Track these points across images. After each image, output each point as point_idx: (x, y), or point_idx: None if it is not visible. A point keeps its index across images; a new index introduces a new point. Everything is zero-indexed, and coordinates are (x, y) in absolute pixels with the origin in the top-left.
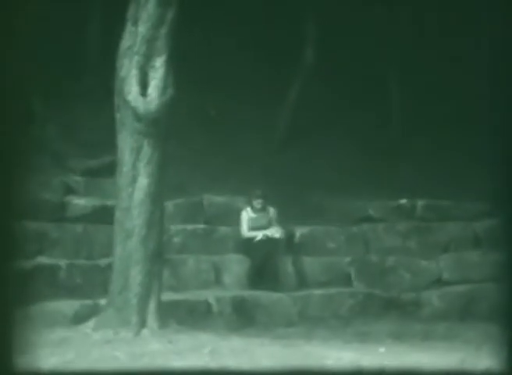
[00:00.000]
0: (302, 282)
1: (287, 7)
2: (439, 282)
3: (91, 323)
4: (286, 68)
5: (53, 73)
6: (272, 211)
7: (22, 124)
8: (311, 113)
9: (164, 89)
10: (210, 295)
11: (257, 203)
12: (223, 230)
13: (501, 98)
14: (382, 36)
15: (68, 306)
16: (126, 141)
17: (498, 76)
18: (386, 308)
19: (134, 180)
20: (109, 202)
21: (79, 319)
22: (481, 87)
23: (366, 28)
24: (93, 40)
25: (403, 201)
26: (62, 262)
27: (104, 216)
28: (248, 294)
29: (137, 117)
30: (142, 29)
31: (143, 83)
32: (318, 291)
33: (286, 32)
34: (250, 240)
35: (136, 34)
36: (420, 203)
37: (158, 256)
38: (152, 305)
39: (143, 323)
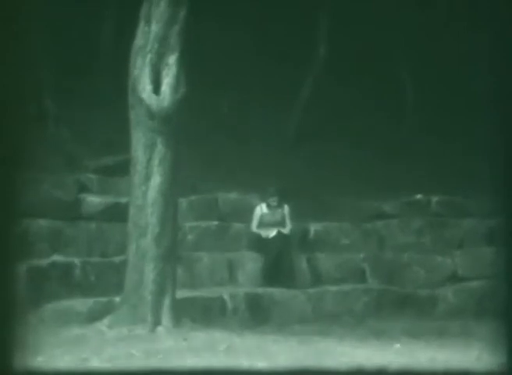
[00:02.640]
0: (316, 279)
1: (300, 4)
2: (454, 278)
3: (106, 320)
4: (298, 66)
5: (66, 71)
6: (286, 208)
7: (35, 123)
8: (323, 110)
9: (177, 87)
10: (224, 292)
11: (273, 201)
12: (237, 227)
13: None
14: (395, 34)
15: (82, 304)
16: (140, 139)
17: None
18: (401, 304)
19: (148, 177)
20: (123, 200)
21: (93, 316)
22: (495, 82)
23: (379, 26)
24: (106, 38)
25: (418, 196)
26: (77, 260)
27: (118, 213)
28: (262, 291)
29: (151, 115)
30: (155, 27)
31: (156, 82)
32: (332, 288)
33: (298, 29)
34: (264, 237)
35: (149, 33)
36: (434, 199)
37: (172, 254)
38: (167, 303)
39: (157, 321)
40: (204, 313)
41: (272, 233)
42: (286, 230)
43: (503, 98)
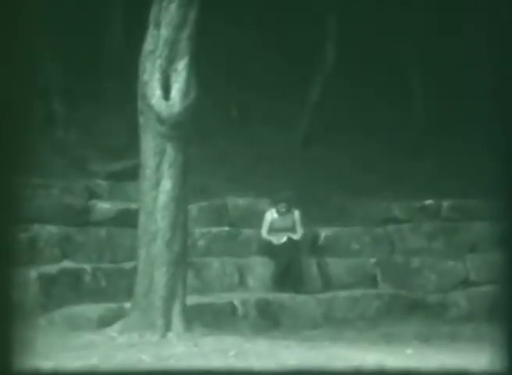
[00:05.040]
0: (327, 284)
1: (309, 5)
2: (466, 283)
3: (116, 326)
4: (307, 67)
5: (75, 76)
6: (296, 213)
7: (44, 128)
8: (333, 113)
9: (187, 92)
10: (235, 298)
11: (282, 206)
12: (247, 232)
13: None
14: (403, 33)
15: (93, 310)
16: (150, 145)
17: None
18: (412, 309)
19: (158, 183)
20: (133, 206)
21: (104, 322)
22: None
23: (387, 25)
24: (115, 43)
25: (429, 201)
26: (87, 266)
27: (128, 219)
28: (273, 296)
29: (160, 121)
30: (164, 31)
31: (165, 87)
32: (343, 293)
33: (308, 31)
34: (275, 243)
35: (158, 37)
36: (445, 203)
37: (183, 259)
38: (177, 308)
39: (168, 326)
40: (214, 319)
41: (283, 238)
42: (296, 236)
43: None
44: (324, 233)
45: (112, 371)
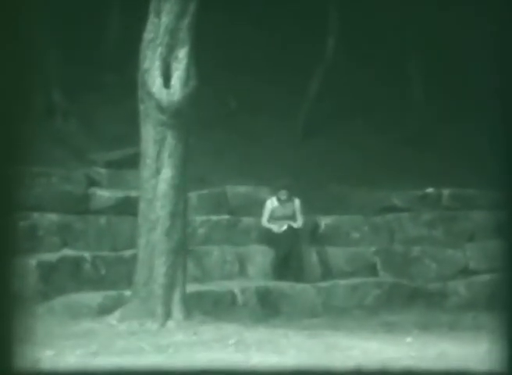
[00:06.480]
0: (327, 272)
1: None
2: (466, 271)
3: (116, 314)
4: (308, 59)
5: (75, 65)
6: (296, 202)
7: (44, 117)
8: (333, 102)
9: (187, 80)
10: (235, 286)
11: (282, 194)
12: (247, 220)
13: None
14: (404, 24)
15: (92, 298)
16: (150, 133)
17: None
18: (412, 298)
19: (158, 171)
20: (133, 194)
21: (104, 310)
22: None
23: (388, 16)
24: (114, 33)
25: (429, 190)
26: (87, 254)
27: (127, 207)
28: (273, 284)
29: (161, 109)
30: (165, 20)
31: (166, 75)
32: (342, 282)
33: (308, 22)
34: (275, 231)
35: (159, 26)
36: (445, 192)
37: (182, 247)
38: (177, 296)
39: (168, 314)
40: (214, 307)
41: (283, 227)
42: (296, 224)
43: None
44: (324, 221)
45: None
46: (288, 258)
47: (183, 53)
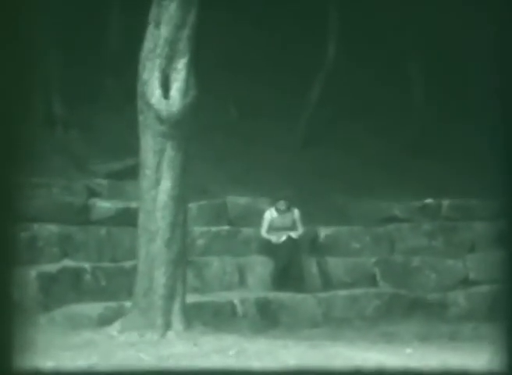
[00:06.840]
0: (327, 283)
1: (310, 1)
2: (466, 282)
3: (116, 325)
4: (308, 58)
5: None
6: (296, 212)
7: (44, 128)
8: (334, 106)
9: (186, 91)
10: (234, 297)
11: (281, 204)
12: (247, 231)
13: None
14: (404, 25)
15: (93, 308)
16: (149, 144)
17: None
18: (412, 308)
19: (157, 182)
20: (133, 205)
21: (104, 321)
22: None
23: (388, 17)
24: (114, 42)
25: (429, 200)
26: (87, 265)
27: (127, 218)
28: (272, 295)
29: (160, 120)
30: (164, 31)
31: (165, 86)
32: (342, 292)
33: (309, 29)
34: (274, 242)
35: (158, 36)
36: (445, 203)
37: (182, 258)
38: (177, 307)
39: (168, 325)
40: (214, 318)
41: (282, 237)
42: (296, 235)
43: None
44: (324, 232)
45: (112, 371)
46: (288, 268)
47: (182, 64)
